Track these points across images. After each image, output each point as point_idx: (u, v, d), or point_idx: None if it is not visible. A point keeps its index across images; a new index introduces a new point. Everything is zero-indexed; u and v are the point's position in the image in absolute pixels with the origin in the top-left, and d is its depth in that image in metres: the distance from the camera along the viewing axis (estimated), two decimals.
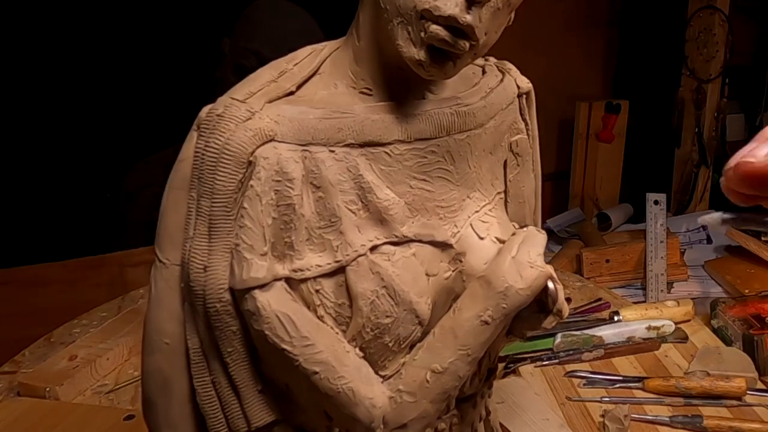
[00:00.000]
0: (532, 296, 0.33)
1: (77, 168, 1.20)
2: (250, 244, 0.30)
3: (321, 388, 0.31)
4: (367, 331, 0.33)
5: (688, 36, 1.37)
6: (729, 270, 1.13)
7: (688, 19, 1.36)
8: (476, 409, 0.40)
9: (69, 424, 0.65)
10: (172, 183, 0.32)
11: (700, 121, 1.41)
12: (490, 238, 0.35)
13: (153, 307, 0.33)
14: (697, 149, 1.42)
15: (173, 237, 0.32)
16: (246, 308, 0.31)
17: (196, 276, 0.31)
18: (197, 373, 0.32)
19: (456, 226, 0.35)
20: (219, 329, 0.31)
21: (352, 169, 0.32)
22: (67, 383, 0.70)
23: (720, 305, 0.90)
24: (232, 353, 0.31)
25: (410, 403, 0.33)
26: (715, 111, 1.39)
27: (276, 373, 0.32)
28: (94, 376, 0.73)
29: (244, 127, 0.30)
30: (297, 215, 0.32)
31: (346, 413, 0.32)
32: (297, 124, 0.31)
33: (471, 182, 0.36)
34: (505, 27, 0.34)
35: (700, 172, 1.42)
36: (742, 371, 0.73)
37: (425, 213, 0.34)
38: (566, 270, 1.13)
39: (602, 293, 0.97)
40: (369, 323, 0.33)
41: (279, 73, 0.34)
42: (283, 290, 0.31)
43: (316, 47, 0.34)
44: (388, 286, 0.33)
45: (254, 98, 0.32)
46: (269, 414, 0.33)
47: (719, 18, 1.31)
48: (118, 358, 0.74)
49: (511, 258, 0.33)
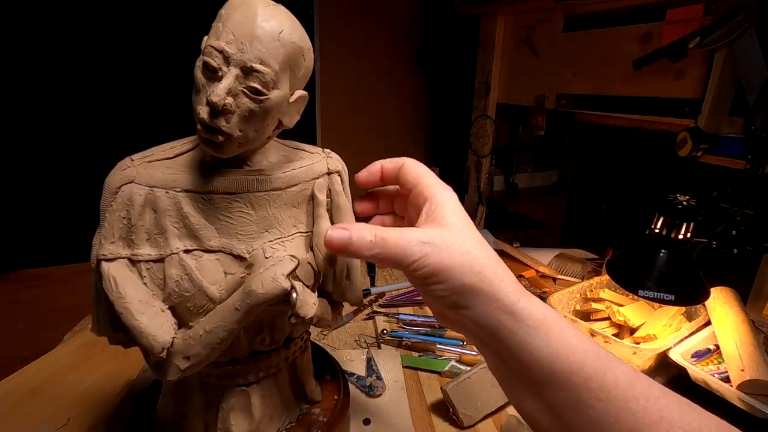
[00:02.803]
0: (270, 299, 0.38)
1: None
2: (105, 235, 0.40)
3: (124, 323, 0.38)
4: (173, 299, 0.41)
5: (472, 131, 1.71)
6: None
7: (472, 121, 1.70)
8: (271, 360, 0.48)
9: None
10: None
11: (479, 179, 1.71)
12: (273, 258, 0.41)
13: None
14: (477, 195, 1.73)
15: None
16: (98, 270, 0.40)
17: (92, 250, 0.41)
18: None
19: (252, 247, 0.42)
20: (98, 280, 0.41)
21: (177, 203, 0.41)
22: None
23: None
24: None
25: (192, 345, 0.40)
26: (487, 173, 1.72)
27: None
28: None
29: (121, 173, 0.41)
30: (136, 225, 0.40)
31: (138, 342, 0.39)
32: (149, 175, 0.40)
33: (269, 222, 0.43)
34: (284, 128, 0.42)
35: (478, 208, 1.71)
36: None
37: (228, 236, 0.42)
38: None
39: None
40: (174, 293, 0.41)
41: (170, 147, 0.43)
42: (123, 264, 0.40)
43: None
44: (189, 274, 0.40)
45: (140, 158, 0.42)
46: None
47: (489, 121, 1.64)
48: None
49: (260, 273, 0.39)
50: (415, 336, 0.84)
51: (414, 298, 1.01)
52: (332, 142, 1.64)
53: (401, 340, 0.82)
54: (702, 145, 1.00)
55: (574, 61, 1.35)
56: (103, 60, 1.23)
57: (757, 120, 0.89)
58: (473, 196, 1.75)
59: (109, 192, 0.41)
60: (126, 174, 0.41)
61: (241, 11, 0.38)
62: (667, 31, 1.07)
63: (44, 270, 1.15)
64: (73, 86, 1.21)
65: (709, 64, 1.01)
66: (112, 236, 0.41)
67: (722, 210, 0.87)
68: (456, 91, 1.78)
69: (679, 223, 0.81)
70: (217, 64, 0.37)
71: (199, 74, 0.38)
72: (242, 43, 0.36)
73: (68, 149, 1.23)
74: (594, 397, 0.30)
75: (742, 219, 0.85)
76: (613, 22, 1.23)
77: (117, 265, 0.40)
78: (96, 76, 1.23)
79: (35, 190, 1.21)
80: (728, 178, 0.93)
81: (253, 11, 0.37)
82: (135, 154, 0.42)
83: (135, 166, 0.41)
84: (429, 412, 0.66)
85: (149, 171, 0.41)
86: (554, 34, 1.41)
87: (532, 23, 1.47)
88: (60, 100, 1.21)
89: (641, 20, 1.16)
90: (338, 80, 1.67)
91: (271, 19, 0.38)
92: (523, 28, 1.52)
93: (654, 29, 1.13)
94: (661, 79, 1.13)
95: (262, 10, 0.38)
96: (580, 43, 1.33)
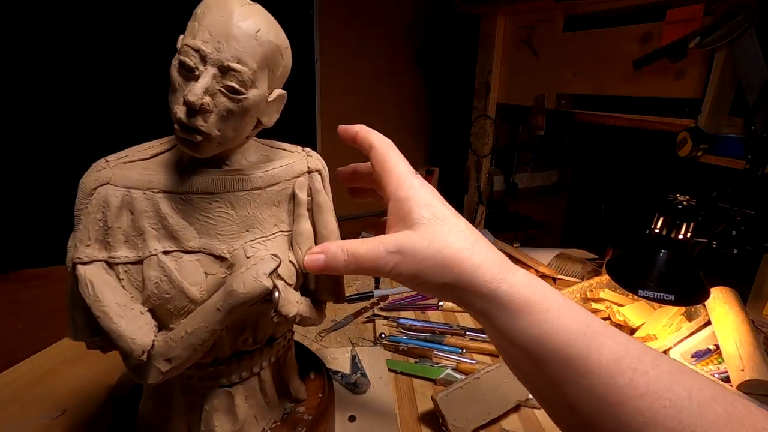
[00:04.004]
0: (252, 298, 0.38)
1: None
2: (80, 239, 0.40)
3: (102, 327, 0.38)
4: (153, 301, 0.40)
5: (472, 131, 1.72)
6: None
7: (472, 121, 1.72)
8: (254, 360, 0.47)
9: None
10: None
11: (479, 179, 1.73)
12: (255, 258, 0.40)
13: None
14: (477, 196, 1.74)
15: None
16: (74, 274, 0.39)
17: (68, 253, 0.40)
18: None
19: (232, 247, 0.42)
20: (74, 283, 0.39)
21: (155, 204, 0.40)
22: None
23: None
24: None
25: (173, 347, 0.39)
26: (487, 174, 1.73)
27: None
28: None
29: (96, 175, 0.40)
30: (113, 228, 0.40)
31: (117, 345, 0.39)
32: (125, 177, 0.40)
33: (250, 222, 0.43)
34: (264, 128, 0.42)
35: (478, 208, 1.73)
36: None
37: (208, 236, 0.41)
38: None
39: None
40: (154, 295, 0.40)
41: (147, 148, 0.43)
42: (100, 267, 0.40)
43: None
44: (168, 275, 0.40)
45: (116, 160, 0.41)
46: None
47: (489, 121, 1.66)
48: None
49: (241, 272, 0.39)
50: (413, 341, 0.83)
51: (416, 303, 1.00)
52: (332, 141, 1.59)
53: (398, 345, 0.82)
54: (702, 145, 1.00)
55: (574, 61, 1.36)
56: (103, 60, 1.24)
57: (757, 120, 0.90)
58: (473, 196, 1.76)
59: (84, 194, 0.40)
60: (101, 175, 0.41)
61: (218, 10, 0.37)
62: (667, 31, 1.08)
63: (44, 270, 1.14)
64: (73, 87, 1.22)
65: (709, 64, 1.02)
66: (87, 239, 0.40)
67: (722, 210, 0.87)
68: (456, 91, 1.79)
69: (679, 223, 0.81)
70: (193, 63, 0.36)
71: (175, 73, 0.38)
72: (219, 42, 0.36)
73: (68, 149, 1.24)
74: (579, 374, 0.30)
75: (742, 219, 0.85)
76: (613, 22, 1.23)
77: (93, 268, 0.40)
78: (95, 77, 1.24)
79: (35, 190, 1.20)
80: (728, 178, 0.93)
81: (230, 10, 0.37)
82: (110, 155, 0.42)
83: (110, 167, 0.41)
84: (419, 422, 0.64)
85: (125, 172, 0.41)
86: (554, 34, 1.41)
87: (532, 23, 1.48)
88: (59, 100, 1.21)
89: (641, 20, 1.16)
90: (338, 80, 1.68)
91: (247, 18, 0.37)
92: (523, 28, 1.52)
93: (654, 29, 1.13)
94: (661, 79, 1.13)
95: (238, 9, 0.37)
96: (580, 43, 1.33)
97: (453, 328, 0.90)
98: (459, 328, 0.90)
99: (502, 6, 1.52)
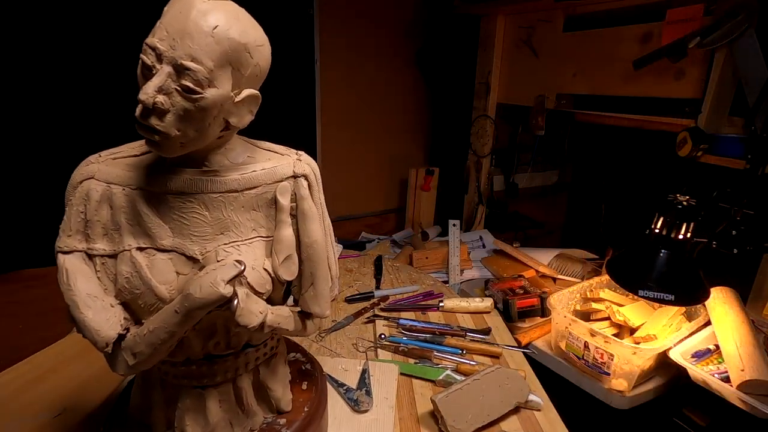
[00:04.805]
0: (207, 304, 0.37)
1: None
2: (63, 228, 0.42)
3: (70, 314, 0.39)
4: (125, 295, 0.41)
5: (472, 131, 1.72)
6: (495, 263, 1.34)
7: (472, 121, 1.71)
8: (227, 365, 0.47)
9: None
10: None
11: (479, 179, 1.72)
12: (227, 261, 0.39)
13: None
14: (477, 196, 1.73)
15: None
16: (57, 261, 0.41)
17: (56, 242, 0.41)
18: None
19: (205, 249, 0.42)
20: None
21: (132, 201, 0.41)
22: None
23: (490, 283, 1.10)
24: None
25: (138, 342, 0.40)
26: (487, 173, 1.72)
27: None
28: None
29: (84, 169, 0.42)
30: (92, 221, 0.41)
31: (83, 334, 0.39)
32: (108, 172, 0.41)
33: (225, 225, 0.42)
34: (233, 127, 0.40)
35: (478, 208, 1.73)
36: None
37: (182, 236, 0.41)
38: (404, 263, 1.37)
39: (427, 279, 1.20)
40: (125, 290, 0.41)
41: (140, 145, 0.44)
42: (79, 257, 0.40)
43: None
44: (139, 272, 0.40)
45: (107, 155, 0.42)
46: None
47: (489, 121, 1.65)
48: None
49: (200, 277, 0.38)
50: (413, 342, 0.82)
51: (417, 303, 0.99)
52: (332, 141, 1.63)
53: (398, 345, 0.81)
54: (702, 145, 1.00)
55: (574, 61, 1.36)
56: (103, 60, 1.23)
57: (757, 120, 0.89)
58: (473, 196, 1.76)
59: (71, 186, 0.41)
60: (88, 170, 0.42)
61: (178, 7, 0.36)
62: (667, 31, 1.08)
63: (44, 270, 1.16)
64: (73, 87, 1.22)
65: (709, 64, 1.02)
66: (69, 229, 0.41)
67: (722, 210, 0.88)
68: (456, 91, 1.78)
69: (679, 223, 0.81)
70: (150, 61, 0.36)
71: (138, 72, 0.37)
72: (174, 40, 0.35)
73: (68, 150, 1.24)
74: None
75: (742, 219, 0.85)
76: (613, 22, 1.23)
77: (72, 258, 0.41)
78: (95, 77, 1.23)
79: (35, 191, 1.21)
80: (728, 178, 0.93)
81: (189, 6, 0.36)
82: (104, 151, 0.43)
83: (99, 162, 0.43)
84: (418, 423, 0.63)
85: (110, 168, 0.42)
86: (554, 34, 1.41)
87: (532, 23, 1.47)
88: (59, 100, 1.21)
89: (641, 20, 1.16)
90: (338, 80, 1.67)
91: (207, 14, 0.36)
92: (523, 28, 1.51)
93: (654, 29, 1.13)
94: (661, 79, 1.13)
95: (199, 5, 0.36)
96: (580, 43, 1.33)
97: (453, 329, 0.90)
98: (459, 329, 0.90)
99: (502, 6, 1.52)
